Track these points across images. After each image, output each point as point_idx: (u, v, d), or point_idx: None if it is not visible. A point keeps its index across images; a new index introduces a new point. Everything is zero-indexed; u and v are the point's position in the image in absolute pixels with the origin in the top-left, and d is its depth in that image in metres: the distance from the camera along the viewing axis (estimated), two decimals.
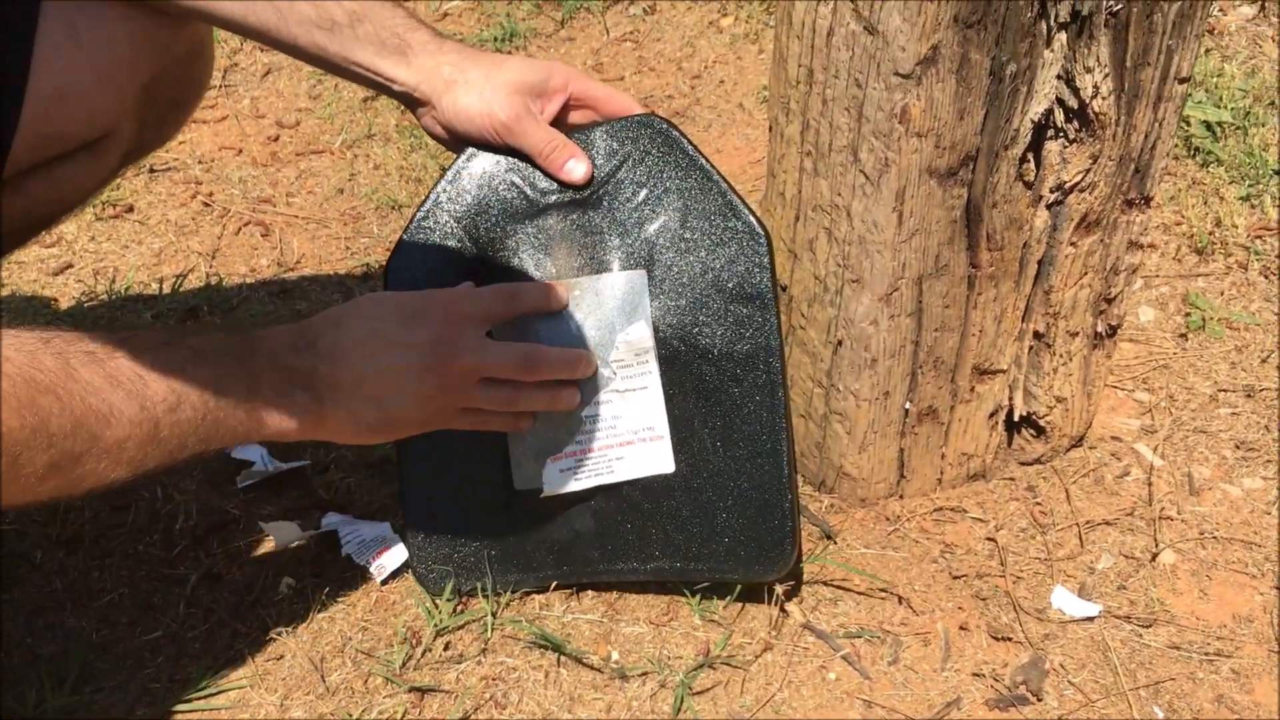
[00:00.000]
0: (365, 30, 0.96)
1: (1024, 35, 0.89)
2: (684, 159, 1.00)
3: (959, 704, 0.97)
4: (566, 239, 1.00)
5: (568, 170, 0.99)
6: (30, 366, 0.73)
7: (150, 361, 0.80)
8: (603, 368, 1.00)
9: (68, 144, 0.98)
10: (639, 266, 1.00)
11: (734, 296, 0.99)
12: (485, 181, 1.01)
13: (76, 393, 0.75)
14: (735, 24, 2.00)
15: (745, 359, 0.99)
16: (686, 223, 0.99)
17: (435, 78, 0.97)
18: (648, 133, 1.00)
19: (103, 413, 0.76)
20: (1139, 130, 0.97)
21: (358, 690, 0.98)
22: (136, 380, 0.79)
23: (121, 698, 0.98)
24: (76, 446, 0.75)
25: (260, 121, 1.79)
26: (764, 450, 0.99)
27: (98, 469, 0.77)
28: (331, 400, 0.89)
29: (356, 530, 1.11)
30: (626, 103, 1.03)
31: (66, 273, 1.48)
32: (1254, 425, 1.22)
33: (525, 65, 0.99)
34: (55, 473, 0.75)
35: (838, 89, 0.94)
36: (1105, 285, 1.07)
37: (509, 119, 0.97)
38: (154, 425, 0.79)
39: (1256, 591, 1.06)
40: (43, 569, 1.09)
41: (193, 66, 1.08)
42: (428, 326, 0.91)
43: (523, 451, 1.01)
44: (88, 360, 0.77)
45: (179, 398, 0.81)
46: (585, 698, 0.98)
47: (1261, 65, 1.77)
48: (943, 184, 0.95)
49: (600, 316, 0.99)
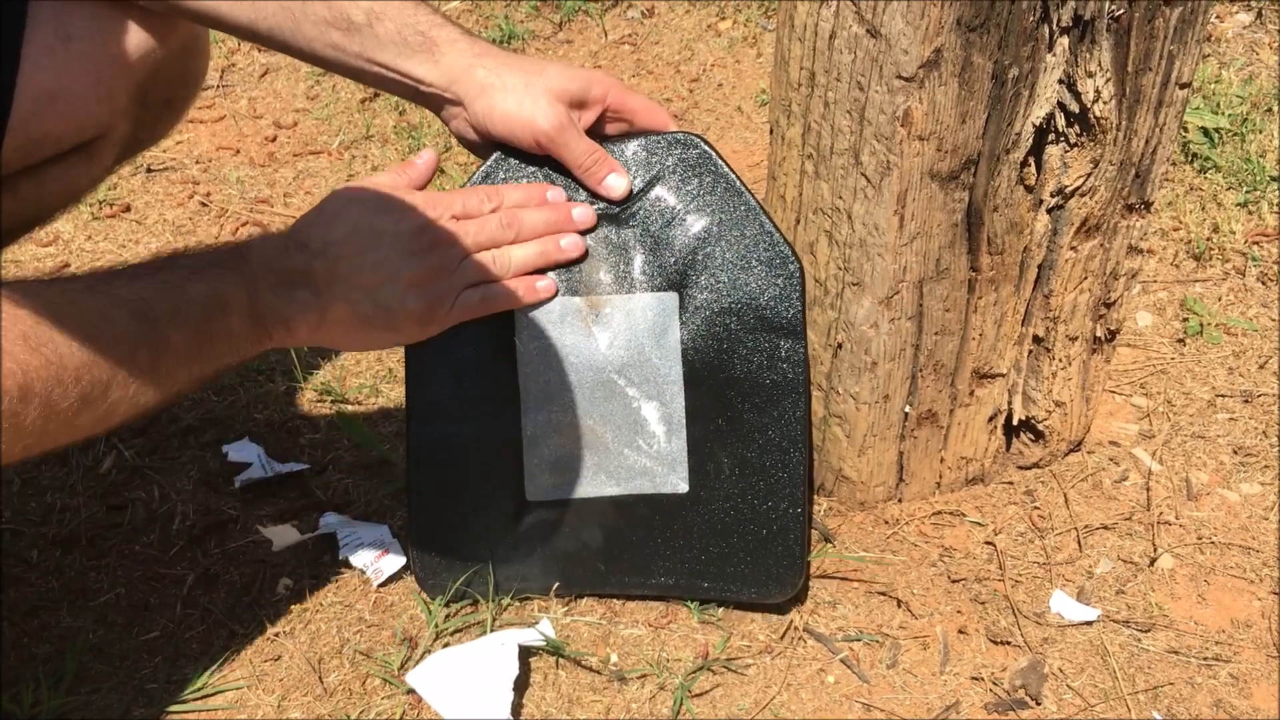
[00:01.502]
0: (386, 29, 0.93)
1: (1026, 39, 0.89)
2: (721, 181, 0.99)
3: (958, 707, 0.97)
4: (595, 253, 0.99)
5: (607, 186, 0.98)
6: (38, 305, 0.74)
7: (148, 282, 0.82)
8: (628, 386, 1.00)
9: (60, 146, 0.96)
10: (670, 288, 0.99)
11: (764, 325, 0.99)
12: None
13: (85, 317, 0.76)
14: (733, 27, 2.00)
15: (771, 388, 0.99)
16: (720, 246, 0.99)
17: (468, 79, 0.95)
18: (684, 151, 0.99)
19: (114, 335, 0.78)
20: (1140, 135, 0.98)
21: (356, 691, 0.98)
22: (139, 302, 0.80)
23: (118, 698, 0.98)
24: (101, 375, 0.76)
25: (258, 122, 1.78)
26: (781, 479, 1.00)
27: (127, 394, 0.79)
28: (329, 294, 0.90)
29: (355, 533, 1.10)
30: (663, 117, 1.02)
31: (63, 272, 1.48)
32: (1252, 430, 1.22)
33: (566, 73, 0.97)
34: (88, 405, 0.76)
35: (840, 92, 0.94)
36: (1105, 290, 1.07)
37: (552, 129, 0.95)
38: (163, 341, 0.81)
39: (1255, 597, 1.06)
40: (39, 568, 1.09)
41: (188, 65, 1.06)
42: (411, 212, 0.92)
43: (538, 463, 1.01)
44: (88, 291, 0.79)
45: (183, 314, 0.82)
46: (584, 699, 0.97)
47: (1259, 72, 1.78)
48: (944, 187, 0.95)
49: (630, 336, 0.99)
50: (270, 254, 0.89)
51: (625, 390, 1.00)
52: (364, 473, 1.19)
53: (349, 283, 0.90)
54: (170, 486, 1.17)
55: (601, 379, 1.00)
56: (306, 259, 0.89)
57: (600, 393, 1.00)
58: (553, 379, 0.99)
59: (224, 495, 1.17)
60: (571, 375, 1.00)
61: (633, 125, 1.02)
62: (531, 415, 1.00)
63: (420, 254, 0.91)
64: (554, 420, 1.00)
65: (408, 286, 0.91)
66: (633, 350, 0.99)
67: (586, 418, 1.00)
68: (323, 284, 0.89)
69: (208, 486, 1.17)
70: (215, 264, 0.87)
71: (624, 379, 0.99)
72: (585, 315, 0.99)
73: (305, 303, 0.89)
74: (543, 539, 1.02)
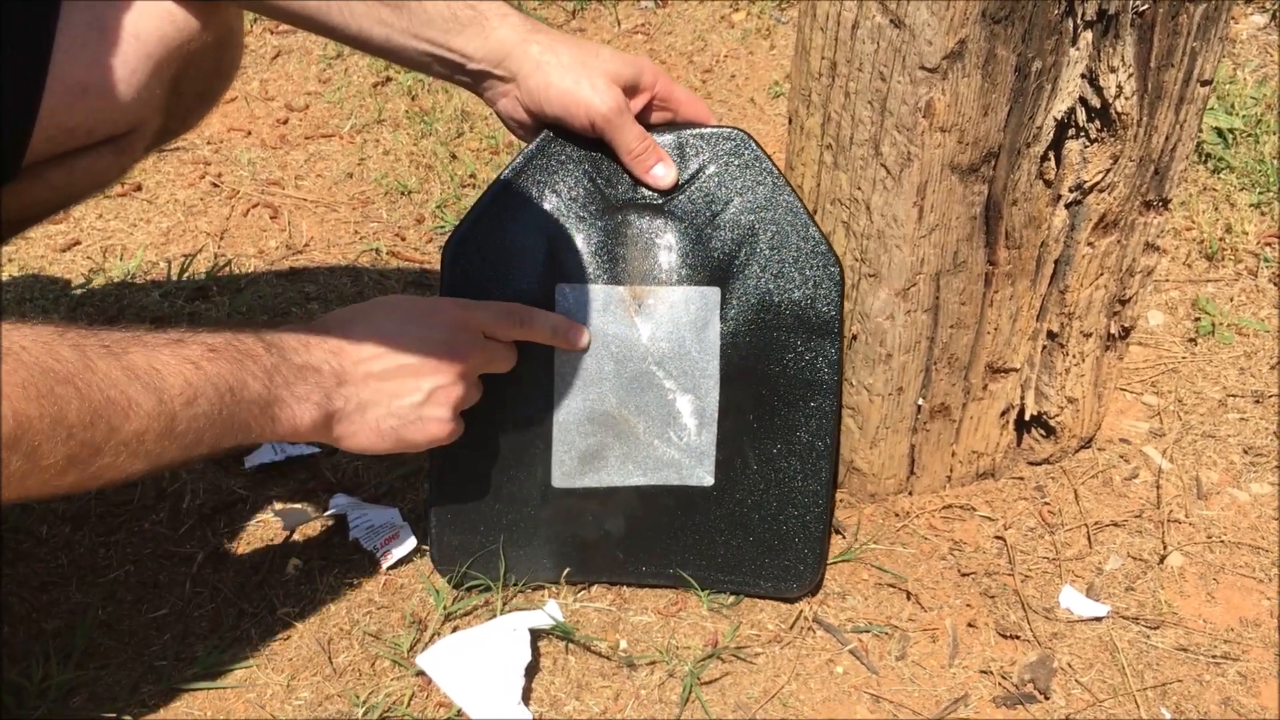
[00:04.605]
0: (435, 4, 0.91)
1: (1050, 32, 0.89)
2: (766, 178, 0.98)
3: (966, 701, 0.97)
4: (638, 243, 0.99)
5: (654, 175, 0.97)
6: (48, 357, 0.72)
7: (165, 356, 0.79)
8: (665, 379, 1.00)
9: (91, 138, 0.94)
10: (712, 282, 0.99)
11: (802, 324, 0.99)
12: (561, 170, 0.98)
13: (95, 384, 0.73)
14: (747, 19, 2.00)
15: (804, 388, 1.00)
16: (762, 244, 0.98)
17: (522, 55, 0.93)
18: (731, 146, 0.98)
19: (121, 405, 0.75)
20: (1160, 132, 0.97)
21: (365, 672, 0.98)
22: (153, 374, 0.77)
23: (126, 675, 0.98)
24: (95, 438, 0.74)
25: (270, 104, 1.78)
26: (806, 478, 1.01)
27: (116, 462, 0.76)
28: (341, 397, 0.88)
29: (365, 515, 1.10)
30: (705, 110, 1.01)
31: (74, 249, 1.48)
32: (1262, 431, 1.22)
33: (620, 57, 0.95)
34: (74, 465, 0.73)
35: (861, 82, 0.94)
36: (1120, 287, 1.07)
37: (610, 111, 0.93)
38: (170, 419, 0.78)
39: (1263, 596, 1.06)
40: (48, 544, 1.09)
41: (223, 57, 1.03)
42: (436, 329, 0.91)
43: (567, 449, 1.01)
44: (104, 353, 0.76)
45: (195, 392, 0.79)
46: (593, 685, 0.97)
47: (1273, 74, 1.78)
48: (964, 180, 0.95)
49: (672, 329, 0.99)
50: (290, 346, 0.87)
51: (663, 382, 1.00)
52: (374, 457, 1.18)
53: (360, 386, 0.89)
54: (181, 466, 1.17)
55: (640, 370, 1.00)
56: (323, 357, 0.88)
57: (638, 383, 1.00)
58: (590, 366, 0.99)
59: (234, 475, 1.16)
60: (610, 364, 1.00)
61: (676, 116, 1.01)
62: (564, 401, 1.00)
63: (437, 371, 0.90)
64: (588, 408, 1.00)
65: (426, 400, 0.90)
66: (674, 343, 0.99)
67: (622, 407, 1.00)
68: (332, 386, 0.88)
69: (218, 466, 1.17)
70: (236, 348, 0.84)
71: (662, 371, 0.99)
72: (629, 305, 0.99)
73: (315, 404, 0.87)
74: (564, 525, 1.02)
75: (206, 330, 0.84)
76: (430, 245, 1.50)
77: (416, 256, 1.48)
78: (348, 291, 1.41)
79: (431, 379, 0.91)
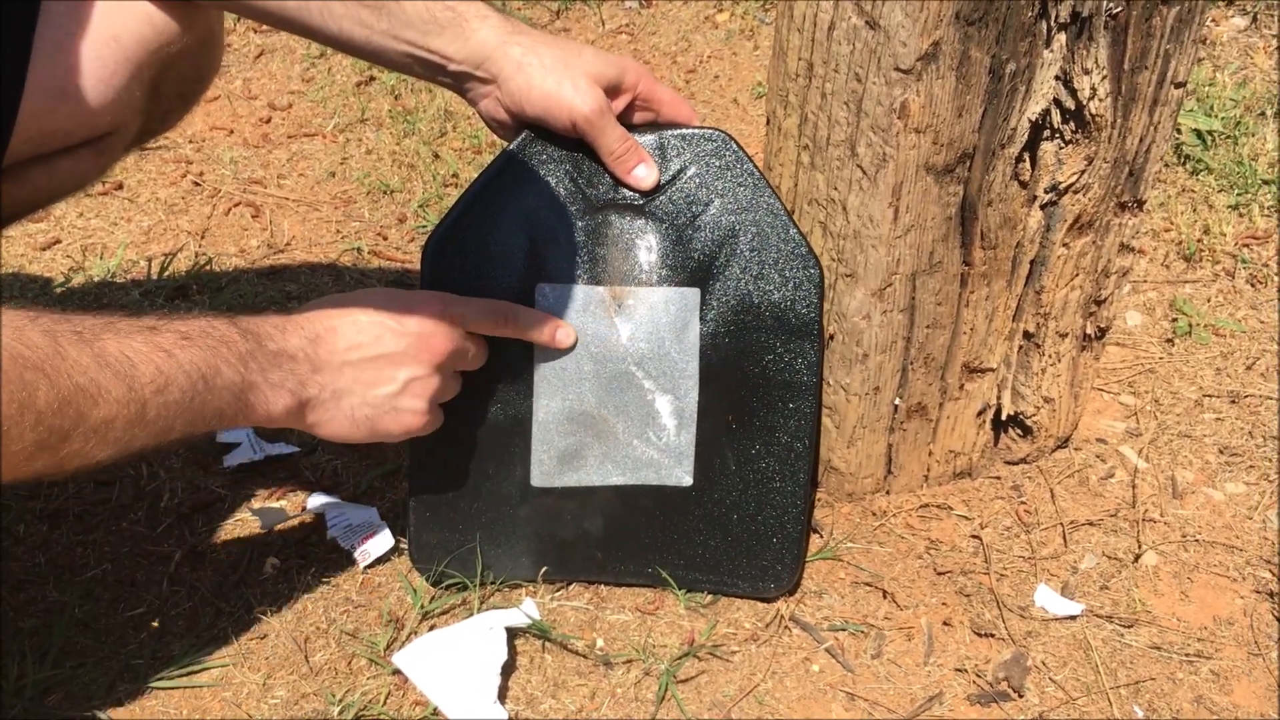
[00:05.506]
0: (414, 5, 0.91)
1: (1024, 34, 0.90)
2: (747, 180, 0.98)
3: (941, 699, 0.98)
4: (618, 243, 0.99)
5: (636, 176, 0.97)
6: (17, 343, 0.71)
7: (138, 343, 0.79)
8: (644, 379, 1.00)
9: (70, 140, 0.94)
10: (692, 283, 0.99)
11: (782, 325, 0.99)
12: (541, 170, 0.98)
13: (64, 370, 0.73)
14: (731, 20, 2.00)
15: (782, 389, 1.00)
16: (742, 245, 0.98)
17: (502, 56, 0.92)
18: (712, 148, 0.98)
19: (90, 392, 0.75)
20: (1134, 133, 0.98)
21: (341, 671, 0.98)
22: (124, 361, 0.77)
23: (103, 673, 0.97)
24: (64, 424, 0.74)
25: (252, 103, 1.78)
26: (784, 479, 1.01)
27: (85, 448, 0.76)
28: (316, 384, 0.88)
29: (343, 514, 1.10)
30: (688, 111, 1.01)
31: (54, 248, 1.48)
32: (1238, 431, 1.23)
33: (603, 57, 0.95)
34: (42, 451, 0.73)
35: (837, 83, 0.94)
36: (1096, 287, 1.08)
37: (591, 112, 0.93)
38: (141, 406, 0.78)
39: (1237, 595, 1.07)
40: (26, 543, 1.09)
41: (204, 58, 1.03)
42: (414, 321, 0.91)
43: (546, 449, 1.01)
44: (75, 339, 0.75)
45: (166, 379, 0.79)
46: (569, 683, 0.98)
47: (1253, 76, 1.79)
48: (939, 180, 0.95)
49: (652, 329, 0.99)
50: (266, 334, 0.86)
51: (642, 382, 1.00)
52: (353, 455, 1.19)
53: (335, 375, 0.89)
54: (159, 464, 1.17)
55: (620, 370, 1.00)
56: (299, 344, 0.87)
57: (617, 383, 1.00)
58: (570, 366, 1.00)
59: (213, 474, 1.16)
60: (590, 364, 1.00)
61: (659, 116, 1.00)
62: (544, 401, 1.00)
63: (414, 362, 0.91)
64: (567, 407, 1.00)
65: (402, 390, 0.91)
66: (653, 343, 0.99)
67: (601, 407, 1.00)
68: (308, 374, 0.88)
69: (197, 465, 1.17)
70: (209, 336, 0.83)
71: (642, 371, 1.00)
72: (609, 305, 0.99)
73: (289, 391, 0.87)
74: (542, 524, 1.03)
75: (181, 317, 0.83)
76: (412, 245, 1.51)
77: (398, 256, 1.48)
78: (329, 291, 1.42)
79: (408, 369, 0.91)
